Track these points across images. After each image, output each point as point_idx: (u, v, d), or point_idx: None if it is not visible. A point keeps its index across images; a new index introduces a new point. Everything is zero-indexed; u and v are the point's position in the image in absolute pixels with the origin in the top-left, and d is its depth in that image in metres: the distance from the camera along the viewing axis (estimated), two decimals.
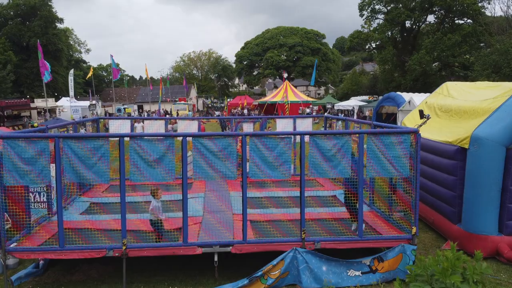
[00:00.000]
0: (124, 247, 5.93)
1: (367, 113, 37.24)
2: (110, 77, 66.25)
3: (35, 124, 30.77)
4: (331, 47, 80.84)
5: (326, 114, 11.01)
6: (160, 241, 6.49)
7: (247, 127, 11.12)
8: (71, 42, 76.83)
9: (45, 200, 7.70)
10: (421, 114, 6.17)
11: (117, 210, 7.12)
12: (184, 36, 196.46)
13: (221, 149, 5.91)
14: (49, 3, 55.52)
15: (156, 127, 10.62)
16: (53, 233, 6.68)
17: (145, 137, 5.86)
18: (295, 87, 77.76)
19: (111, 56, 32.41)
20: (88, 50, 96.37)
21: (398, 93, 31.30)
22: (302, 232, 6.11)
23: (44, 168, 5.82)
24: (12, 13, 55.03)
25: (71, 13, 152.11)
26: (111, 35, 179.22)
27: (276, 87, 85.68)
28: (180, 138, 6.31)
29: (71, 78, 41.73)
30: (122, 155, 5.83)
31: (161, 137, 5.89)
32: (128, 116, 10.58)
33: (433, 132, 8.89)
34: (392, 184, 6.74)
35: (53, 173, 6.28)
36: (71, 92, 42.29)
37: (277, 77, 73.64)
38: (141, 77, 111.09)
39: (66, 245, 6.05)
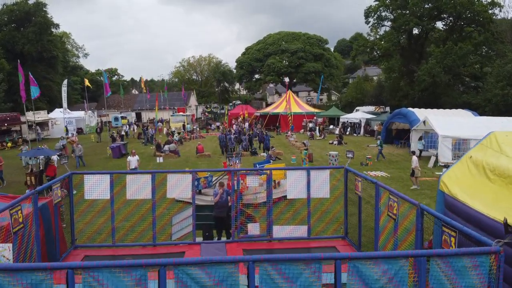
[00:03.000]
0: None
1: (375, 128, 35.37)
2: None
3: (9, 144, 28.80)
4: (332, 51, 78.81)
5: (346, 165, 9.12)
6: None
7: (252, 181, 9.21)
8: (69, 47, 74.95)
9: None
10: (506, 226, 4.30)
11: None
12: (184, 36, 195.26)
13: (217, 283, 4.05)
14: (44, 9, 53.62)
15: (141, 183, 8.72)
16: None
17: (104, 268, 3.98)
18: (297, 92, 75.97)
19: (104, 71, 30.67)
20: (86, 55, 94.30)
21: (410, 109, 29.36)
22: None
23: None
24: (6, 18, 53.19)
25: (71, 14, 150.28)
26: (110, 36, 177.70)
27: (277, 92, 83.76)
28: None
29: (64, 89, 39.96)
30: None
31: (129, 267, 4.01)
32: (107, 171, 8.76)
33: (486, 203, 6.99)
34: None
35: None
36: (64, 104, 40.61)
37: (279, 83, 71.67)
38: (141, 79, 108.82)
39: None
